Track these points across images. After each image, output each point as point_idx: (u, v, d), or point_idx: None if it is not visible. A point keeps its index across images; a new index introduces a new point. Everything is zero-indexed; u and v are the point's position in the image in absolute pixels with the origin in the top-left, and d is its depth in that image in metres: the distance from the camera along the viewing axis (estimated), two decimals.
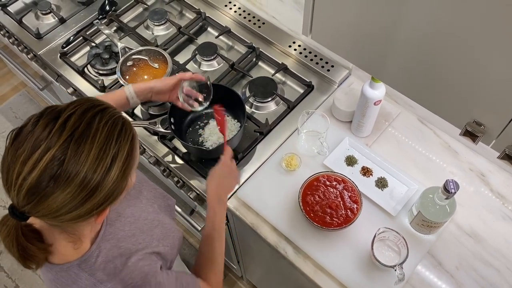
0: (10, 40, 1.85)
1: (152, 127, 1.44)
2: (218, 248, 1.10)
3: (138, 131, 1.47)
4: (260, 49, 1.66)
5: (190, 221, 1.58)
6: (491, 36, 0.70)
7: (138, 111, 1.55)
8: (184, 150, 1.45)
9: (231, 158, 1.20)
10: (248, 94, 1.54)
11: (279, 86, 1.57)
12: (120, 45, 1.60)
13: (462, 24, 0.73)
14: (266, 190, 1.35)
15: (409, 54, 0.85)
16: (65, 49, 1.72)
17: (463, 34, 0.74)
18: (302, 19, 1.00)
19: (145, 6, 1.86)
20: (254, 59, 1.66)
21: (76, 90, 1.67)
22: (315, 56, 1.62)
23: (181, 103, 1.27)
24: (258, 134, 1.46)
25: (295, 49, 1.65)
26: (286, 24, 1.68)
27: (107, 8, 1.82)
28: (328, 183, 1.27)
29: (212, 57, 1.65)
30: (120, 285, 0.88)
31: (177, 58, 1.67)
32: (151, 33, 1.77)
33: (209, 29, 1.78)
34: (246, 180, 1.38)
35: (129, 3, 1.84)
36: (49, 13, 1.84)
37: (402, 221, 1.28)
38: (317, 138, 1.35)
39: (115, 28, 1.79)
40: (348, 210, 1.23)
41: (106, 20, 1.79)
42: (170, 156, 1.46)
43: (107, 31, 1.65)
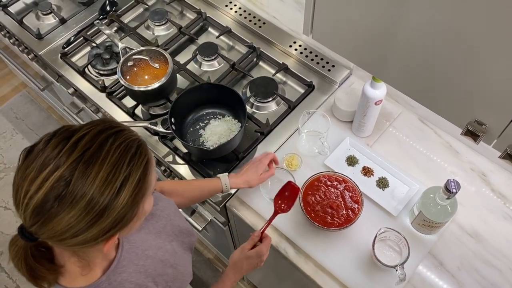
0: (11, 41, 1.85)
1: (152, 127, 1.44)
2: None
3: (139, 131, 1.47)
4: (261, 49, 1.66)
5: (191, 221, 1.58)
6: (493, 35, 0.70)
7: (138, 111, 1.55)
8: (185, 151, 1.45)
9: (267, 248, 1.15)
10: (248, 94, 1.54)
11: (279, 86, 1.56)
12: (120, 45, 1.60)
13: (464, 23, 0.73)
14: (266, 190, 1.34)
15: (410, 54, 0.85)
16: (66, 49, 1.73)
17: (465, 33, 0.73)
18: (303, 19, 1.00)
19: (146, 6, 1.86)
20: (255, 59, 1.66)
21: (76, 90, 1.67)
22: (316, 56, 1.62)
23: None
24: (259, 134, 1.46)
25: (296, 49, 1.65)
26: (287, 24, 1.68)
27: (108, 8, 1.82)
28: (329, 183, 1.27)
29: (213, 57, 1.65)
30: None
31: (177, 58, 1.67)
32: (151, 33, 1.77)
33: (209, 29, 1.78)
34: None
35: (130, 4, 1.84)
36: (50, 13, 1.84)
37: (403, 221, 1.28)
38: (318, 138, 1.34)
39: (115, 28, 1.79)
40: (349, 210, 1.23)
41: (106, 20, 1.79)
42: (171, 156, 1.45)
43: (107, 31, 1.64)
